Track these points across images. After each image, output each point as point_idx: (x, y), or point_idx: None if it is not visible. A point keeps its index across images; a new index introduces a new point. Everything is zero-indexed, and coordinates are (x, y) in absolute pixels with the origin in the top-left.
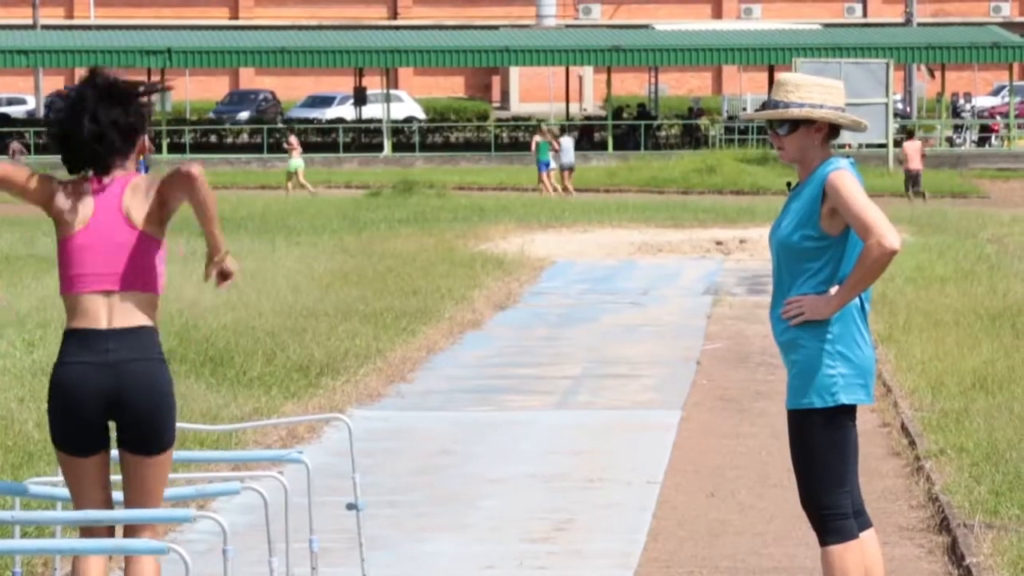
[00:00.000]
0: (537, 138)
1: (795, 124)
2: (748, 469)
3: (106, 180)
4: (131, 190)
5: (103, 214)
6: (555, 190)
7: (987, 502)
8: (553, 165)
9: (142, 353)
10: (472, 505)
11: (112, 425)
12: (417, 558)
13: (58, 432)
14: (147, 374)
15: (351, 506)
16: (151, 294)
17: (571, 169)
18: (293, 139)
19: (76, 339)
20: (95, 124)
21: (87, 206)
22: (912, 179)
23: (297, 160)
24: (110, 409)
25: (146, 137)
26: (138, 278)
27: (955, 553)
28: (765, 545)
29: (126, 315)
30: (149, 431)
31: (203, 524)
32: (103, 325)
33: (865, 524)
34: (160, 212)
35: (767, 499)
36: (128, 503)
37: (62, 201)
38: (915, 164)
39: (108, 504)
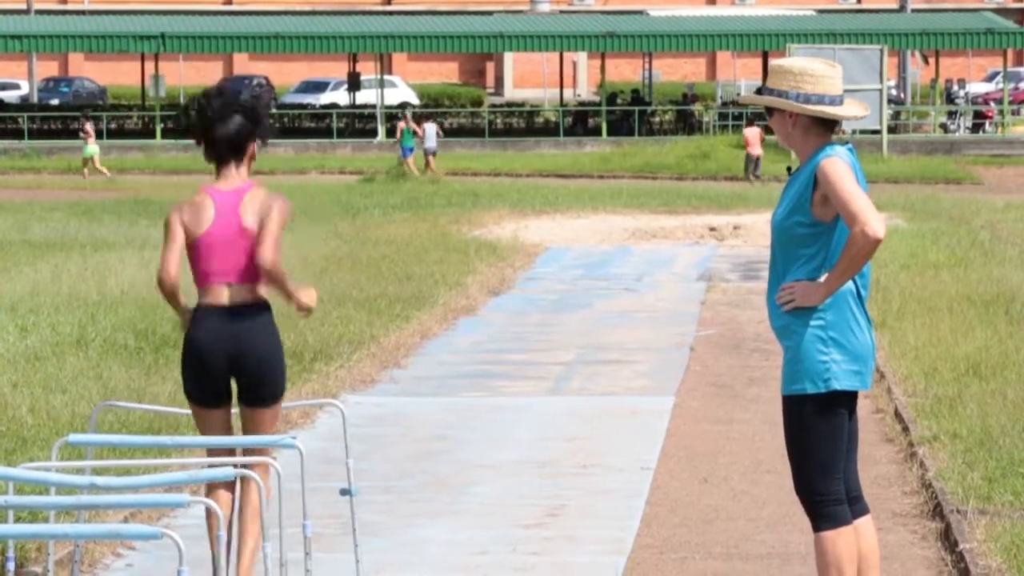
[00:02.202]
0: (401, 125)
1: (772, 111)
2: (741, 455)
3: (223, 188)
4: (247, 202)
5: (222, 218)
6: (416, 171)
7: (980, 488)
8: (417, 150)
9: (258, 325)
10: (465, 491)
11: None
12: (410, 544)
13: (190, 388)
14: (262, 343)
15: (344, 491)
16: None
17: (434, 153)
18: (88, 126)
19: (204, 313)
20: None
21: (208, 215)
22: (753, 163)
23: (92, 147)
24: (231, 370)
25: (255, 145)
26: (252, 271)
27: (948, 539)
28: (758, 531)
29: (244, 295)
30: (263, 387)
31: (197, 509)
32: (226, 303)
33: (862, 511)
34: None
35: (760, 485)
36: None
37: (188, 219)
38: (755, 150)
39: (231, 450)
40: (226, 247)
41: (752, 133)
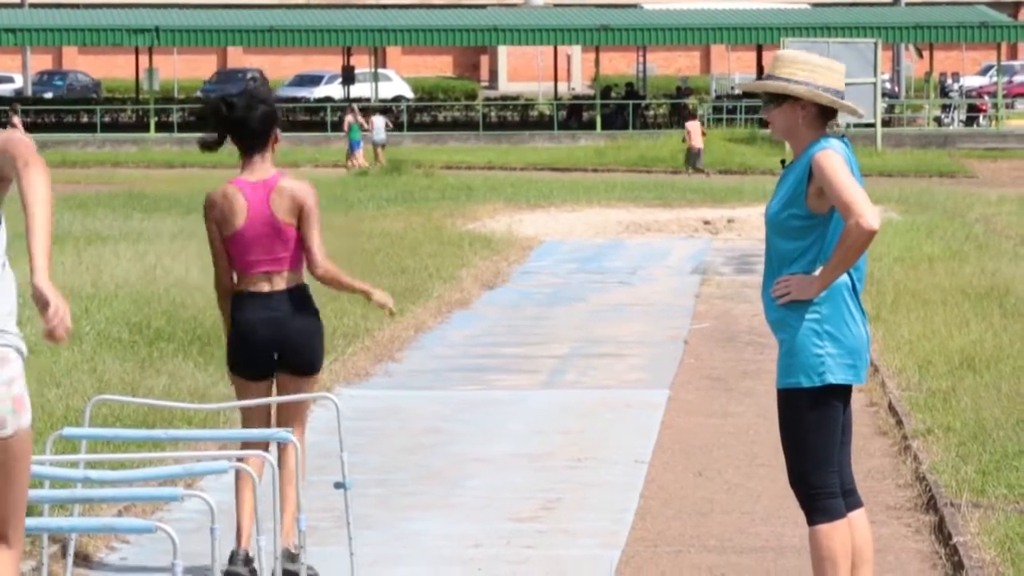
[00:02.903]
0: (349, 119)
1: (779, 100)
2: (735, 448)
3: (251, 179)
4: (276, 195)
5: (255, 213)
6: (354, 164)
7: (974, 481)
8: (365, 143)
9: (297, 308)
10: (460, 484)
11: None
12: (405, 536)
13: (234, 365)
14: (301, 324)
15: (339, 485)
16: (297, 269)
17: (383, 146)
18: (16, 119)
19: (248, 299)
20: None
21: (240, 211)
22: (695, 155)
23: None
24: (273, 349)
25: (278, 131)
26: (286, 258)
27: (942, 532)
28: (753, 524)
29: (280, 282)
30: (304, 363)
31: (191, 503)
32: (265, 290)
33: (856, 504)
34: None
35: (754, 478)
36: (280, 415)
37: (221, 216)
38: (696, 142)
39: (269, 418)
40: (260, 240)
41: (693, 126)
